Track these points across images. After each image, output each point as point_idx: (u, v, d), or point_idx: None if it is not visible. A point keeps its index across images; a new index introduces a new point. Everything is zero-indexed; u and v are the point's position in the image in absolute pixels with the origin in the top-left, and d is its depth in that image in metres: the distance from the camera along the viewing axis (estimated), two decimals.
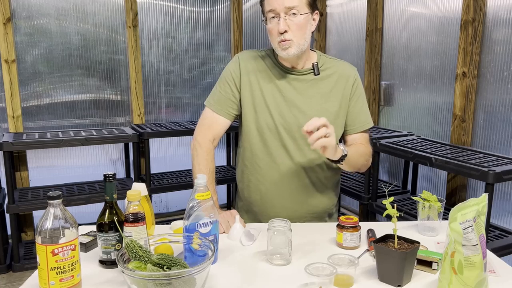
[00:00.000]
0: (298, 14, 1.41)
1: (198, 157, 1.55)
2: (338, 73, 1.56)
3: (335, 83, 1.55)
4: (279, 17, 1.41)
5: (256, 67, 1.57)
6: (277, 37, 1.43)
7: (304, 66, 1.54)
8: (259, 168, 1.58)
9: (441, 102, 2.86)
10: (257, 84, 1.55)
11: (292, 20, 1.41)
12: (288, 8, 1.39)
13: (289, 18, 1.40)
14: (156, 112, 3.59)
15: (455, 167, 2.16)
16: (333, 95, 1.54)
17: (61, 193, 1.02)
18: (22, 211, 2.82)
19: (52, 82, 3.19)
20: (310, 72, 1.54)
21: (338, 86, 1.55)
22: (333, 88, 1.55)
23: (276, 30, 1.42)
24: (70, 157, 3.30)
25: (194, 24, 3.62)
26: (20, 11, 3.03)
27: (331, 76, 1.56)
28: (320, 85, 1.55)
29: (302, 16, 1.42)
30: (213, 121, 1.59)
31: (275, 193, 1.57)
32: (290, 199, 1.57)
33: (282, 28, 1.40)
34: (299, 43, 1.44)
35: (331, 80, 1.55)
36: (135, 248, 0.99)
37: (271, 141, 1.54)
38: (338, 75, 1.56)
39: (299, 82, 1.54)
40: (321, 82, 1.55)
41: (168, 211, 3.73)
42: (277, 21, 1.41)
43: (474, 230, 0.96)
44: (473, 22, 2.52)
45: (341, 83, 1.55)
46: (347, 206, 3.91)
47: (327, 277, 1.02)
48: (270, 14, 1.43)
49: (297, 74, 1.54)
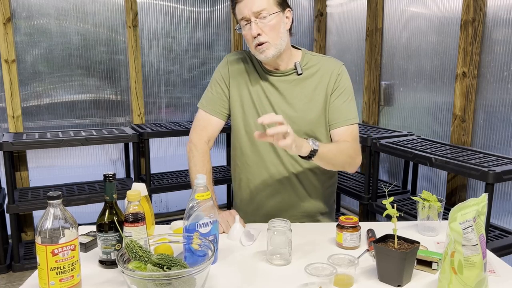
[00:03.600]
0: (268, 15, 1.41)
1: (194, 159, 1.56)
2: (322, 70, 1.54)
3: (319, 81, 1.53)
4: (251, 22, 1.42)
5: (244, 68, 1.58)
6: (252, 41, 1.44)
7: (287, 66, 1.54)
8: (249, 167, 1.59)
9: (441, 102, 2.86)
10: (245, 85, 1.57)
11: (263, 22, 1.42)
12: (256, 13, 1.41)
13: (260, 21, 1.42)
14: (156, 112, 3.60)
15: (455, 167, 2.16)
16: (318, 93, 1.53)
17: (61, 193, 1.02)
18: (22, 211, 2.82)
19: (52, 82, 3.19)
20: (293, 72, 1.54)
21: (322, 83, 1.53)
22: (317, 86, 1.53)
23: (250, 35, 1.43)
24: (70, 157, 3.30)
25: (194, 24, 3.62)
26: (20, 11, 3.03)
27: (315, 74, 1.54)
28: (303, 84, 1.54)
29: (272, 16, 1.42)
30: (207, 122, 1.61)
31: (265, 191, 1.58)
32: (279, 197, 1.58)
33: (255, 32, 1.41)
34: (276, 43, 1.44)
35: (315, 78, 1.54)
36: (135, 248, 0.99)
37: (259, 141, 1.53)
38: (322, 72, 1.54)
39: (282, 82, 1.54)
40: (305, 81, 1.54)
41: (168, 211, 3.73)
42: (250, 27, 1.43)
43: (474, 230, 0.96)
44: (473, 22, 2.52)
45: (325, 80, 1.53)
46: (347, 206, 3.91)
47: (327, 277, 1.02)
48: (243, 22, 1.44)
49: (280, 75, 1.54)
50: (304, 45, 1.55)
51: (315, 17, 4.00)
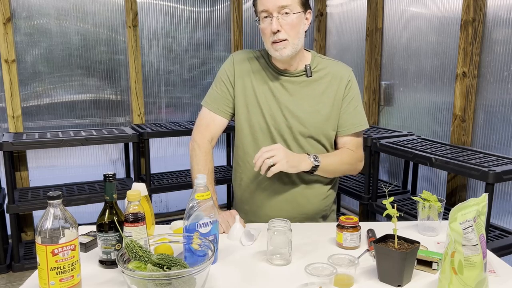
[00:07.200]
0: (291, 13, 1.40)
1: (196, 158, 1.55)
2: (331, 74, 1.55)
3: (328, 85, 1.54)
4: (272, 17, 1.40)
5: (250, 68, 1.57)
6: (270, 37, 1.43)
7: (297, 67, 1.54)
8: (250, 167, 1.58)
9: (441, 102, 2.86)
10: (251, 84, 1.55)
11: (285, 19, 1.40)
12: (281, 7, 1.39)
13: (282, 17, 1.40)
14: (156, 112, 3.60)
15: (455, 167, 2.16)
16: (326, 97, 1.53)
17: (61, 193, 1.02)
18: (22, 211, 2.82)
19: (52, 82, 3.19)
20: (302, 73, 1.54)
21: (331, 88, 1.54)
22: (325, 89, 1.54)
23: (269, 30, 1.42)
24: (70, 157, 3.30)
25: (194, 24, 3.62)
26: (20, 11, 3.03)
27: (324, 77, 1.55)
28: (312, 86, 1.54)
29: (295, 15, 1.41)
30: (210, 120, 1.60)
31: (265, 192, 1.58)
32: (280, 198, 1.57)
33: (275, 28, 1.40)
34: (294, 43, 1.44)
35: (324, 82, 1.54)
36: (135, 248, 0.99)
37: (263, 141, 1.55)
38: (332, 76, 1.54)
39: (292, 83, 1.54)
40: (314, 84, 1.54)
41: (168, 211, 3.73)
42: (270, 21, 1.41)
43: (474, 230, 0.96)
44: (473, 22, 2.52)
45: (334, 84, 1.54)
46: (347, 206, 3.91)
47: (327, 277, 1.02)
48: (263, 14, 1.42)
49: (290, 76, 1.54)
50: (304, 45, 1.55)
51: (315, 17, 4.00)
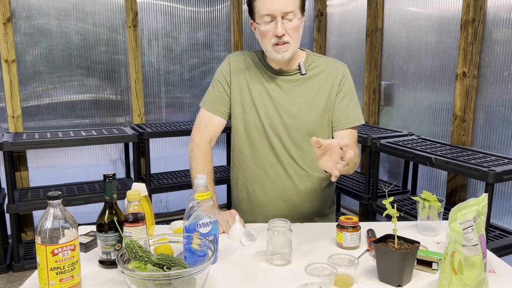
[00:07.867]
0: (295, 18, 1.43)
1: (196, 158, 1.56)
2: (326, 71, 1.57)
3: (323, 81, 1.56)
4: (277, 21, 1.42)
5: (246, 68, 1.59)
6: (271, 39, 1.45)
7: (292, 66, 1.56)
8: (246, 166, 1.60)
9: (441, 102, 2.85)
10: (246, 84, 1.57)
11: (288, 23, 1.43)
12: (286, 13, 1.42)
13: (285, 22, 1.43)
14: (156, 112, 3.59)
15: (455, 167, 2.16)
16: (321, 94, 1.55)
17: (61, 193, 1.02)
18: (22, 211, 2.82)
19: (52, 82, 3.19)
20: (297, 72, 1.56)
21: (325, 84, 1.55)
22: (320, 86, 1.55)
23: (272, 33, 1.44)
24: (70, 157, 3.30)
25: (194, 24, 3.62)
26: (20, 11, 3.03)
27: (319, 74, 1.56)
28: (307, 84, 1.55)
29: (298, 20, 1.44)
30: (209, 121, 1.61)
31: (261, 191, 1.59)
32: (276, 198, 1.58)
33: (281, 32, 1.42)
34: (295, 46, 1.47)
35: (319, 79, 1.56)
36: (135, 248, 0.99)
37: (258, 140, 1.56)
38: (326, 73, 1.56)
39: (286, 82, 1.56)
40: (309, 81, 1.56)
41: (168, 211, 3.73)
42: (274, 24, 1.43)
43: (474, 230, 0.96)
44: (473, 22, 2.52)
45: (329, 81, 1.56)
46: (347, 206, 3.91)
47: (327, 277, 1.02)
48: (267, 18, 1.44)
49: (285, 75, 1.56)
50: (304, 45, 1.56)
51: (315, 17, 4.00)
